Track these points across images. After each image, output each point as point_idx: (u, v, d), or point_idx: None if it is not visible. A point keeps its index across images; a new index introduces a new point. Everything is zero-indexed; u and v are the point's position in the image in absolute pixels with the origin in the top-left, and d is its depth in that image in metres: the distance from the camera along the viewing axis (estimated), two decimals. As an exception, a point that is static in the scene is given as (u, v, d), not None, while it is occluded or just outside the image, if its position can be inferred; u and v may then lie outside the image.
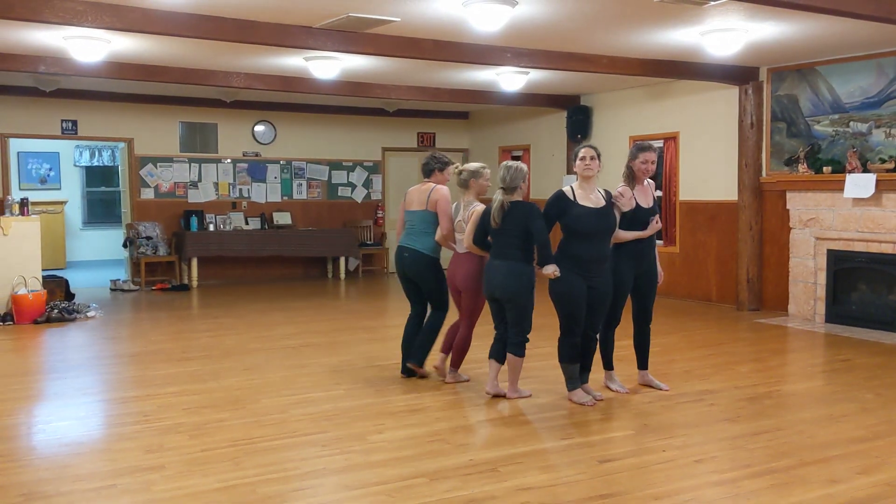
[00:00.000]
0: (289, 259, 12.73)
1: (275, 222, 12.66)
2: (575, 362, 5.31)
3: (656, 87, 10.50)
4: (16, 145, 13.12)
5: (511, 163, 5.39)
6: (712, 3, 6.04)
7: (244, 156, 12.71)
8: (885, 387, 5.82)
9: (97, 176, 15.81)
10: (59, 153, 14.99)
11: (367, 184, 13.62)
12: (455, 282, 5.66)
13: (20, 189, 13.71)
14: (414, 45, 7.35)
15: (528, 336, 5.34)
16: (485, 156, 13.94)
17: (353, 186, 13.55)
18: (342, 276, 12.80)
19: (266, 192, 12.87)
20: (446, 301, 5.88)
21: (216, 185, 12.54)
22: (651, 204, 5.60)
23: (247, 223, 12.49)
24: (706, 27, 6.97)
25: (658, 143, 10.69)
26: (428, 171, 5.90)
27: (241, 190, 12.70)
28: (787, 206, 8.79)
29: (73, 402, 5.52)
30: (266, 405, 5.32)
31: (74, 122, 11.61)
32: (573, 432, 4.75)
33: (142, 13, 6.21)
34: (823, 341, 7.66)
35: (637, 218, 5.45)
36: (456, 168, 5.78)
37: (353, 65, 8.82)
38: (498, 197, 5.24)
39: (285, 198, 13.00)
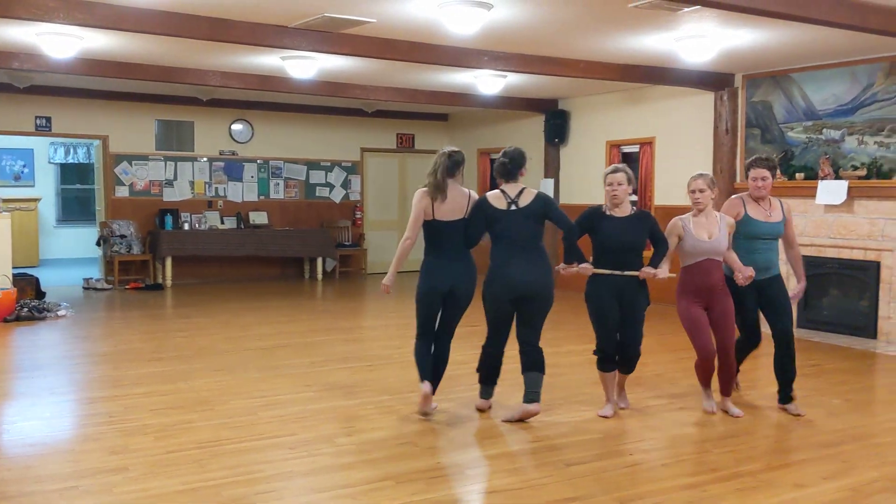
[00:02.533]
0: (265, 259, 12.66)
1: (251, 222, 12.59)
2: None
3: (633, 91, 10.55)
4: (-11, 141, 12.97)
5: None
6: (686, 9, 6.07)
7: (221, 154, 12.63)
8: (853, 392, 5.88)
9: (72, 173, 15.65)
10: (33, 150, 14.83)
11: (346, 184, 13.58)
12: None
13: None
14: (390, 47, 7.34)
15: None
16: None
17: (332, 187, 13.50)
18: (319, 276, 12.75)
19: (242, 191, 12.79)
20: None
21: (192, 183, 12.44)
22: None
23: (223, 222, 12.41)
24: (680, 33, 7.01)
25: (634, 148, 10.76)
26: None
27: (217, 189, 12.61)
28: (761, 212, 8.85)
29: (39, 401, 5.45)
30: (235, 407, 5.28)
31: (48, 119, 11.48)
32: (541, 435, 4.75)
33: (113, 10, 6.14)
34: (795, 346, 7.69)
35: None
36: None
37: (331, 65, 8.79)
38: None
39: (262, 197, 12.93)
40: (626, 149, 10.95)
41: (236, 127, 12.73)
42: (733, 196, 5.59)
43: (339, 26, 6.77)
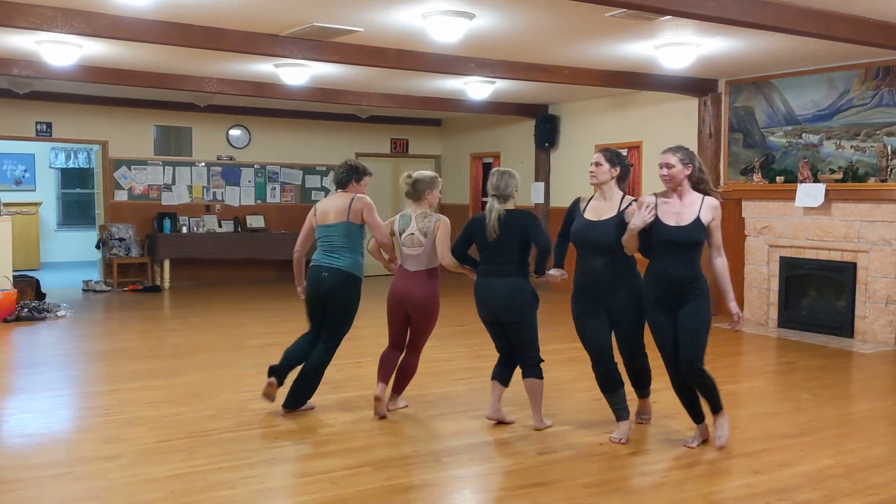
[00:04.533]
0: (262, 262, 12.88)
1: (248, 225, 12.82)
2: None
3: (620, 97, 10.78)
4: (-10, 146, 13.21)
5: (503, 168, 4.98)
6: (661, 18, 6.30)
7: (219, 159, 12.87)
8: (822, 388, 6.08)
9: (72, 178, 15.89)
10: (34, 155, 15.08)
11: (341, 188, 13.80)
12: (407, 302, 5.04)
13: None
14: (378, 54, 7.57)
15: (541, 356, 4.93)
16: (456, 162, 14.19)
17: (327, 191, 13.72)
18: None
19: (240, 195, 13.03)
20: (342, 336, 5.27)
21: (190, 188, 12.68)
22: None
23: (220, 226, 12.64)
24: (659, 41, 7.23)
25: (623, 152, 10.96)
26: (344, 182, 5.25)
27: (214, 193, 12.84)
28: (743, 215, 9.07)
29: (37, 396, 5.67)
30: (225, 400, 5.50)
31: (49, 125, 11.72)
32: (517, 427, 4.96)
33: (111, 19, 6.38)
34: (773, 345, 7.92)
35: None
36: (407, 176, 5.18)
37: (323, 72, 9.03)
38: (494, 206, 4.83)
39: (259, 201, 13.16)
40: (615, 153, 11.15)
41: (234, 132, 12.97)
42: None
43: (328, 35, 7.00)
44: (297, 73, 8.82)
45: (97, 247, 12.22)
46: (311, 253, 5.46)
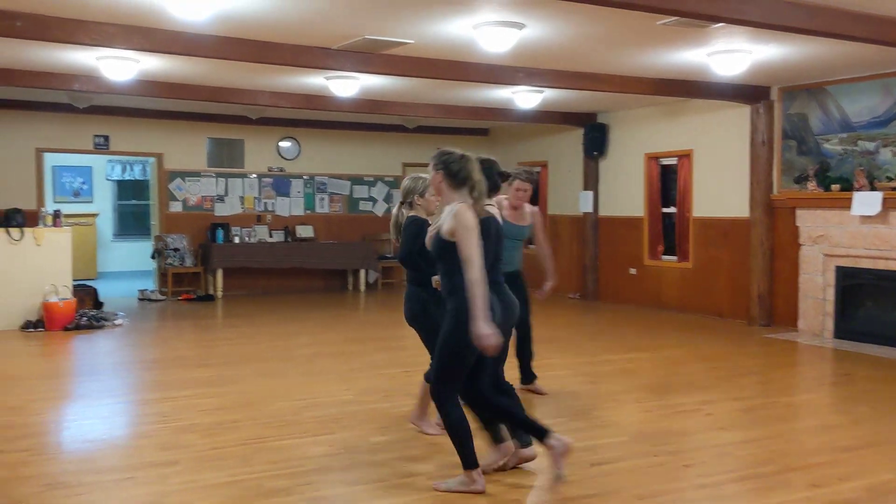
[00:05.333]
0: (310, 271, 13.03)
1: (297, 235, 12.99)
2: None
3: (671, 105, 10.69)
4: (50, 159, 13.59)
5: (414, 174, 4.86)
6: (714, 25, 6.24)
7: (269, 171, 13.07)
8: (880, 400, 5.94)
9: (128, 189, 16.28)
10: (92, 167, 15.48)
11: (388, 198, 13.91)
12: None
13: (54, 202, 14.17)
14: (428, 66, 7.63)
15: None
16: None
17: (374, 201, 13.85)
18: (362, 288, 13.09)
19: (290, 205, 13.21)
20: None
21: (242, 198, 12.91)
22: None
23: (271, 236, 12.83)
24: (712, 48, 7.17)
25: (673, 161, 10.88)
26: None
27: (265, 204, 13.05)
28: (797, 223, 8.91)
29: (97, 402, 5.82)
30: (278, 408, 5.58)
31: (107, 138, 12.04)
32: (571, 438, 4.93)
33: (168, 35, 6.55)
34: (829, 356, 7.77)
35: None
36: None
37: (372, 83, 9.12)
38: (399, 211, 4.82)
39: (308, 211, 13.33)
40: (665, 161, 11.08)
41: (284, 144, 13.16)
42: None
43: (379, 47, 7.08)
44: (347, 86, 8.93)
45: (152, 257, 12.49)
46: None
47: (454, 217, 3.78)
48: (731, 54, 7.31)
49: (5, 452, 4.55)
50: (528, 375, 6.10)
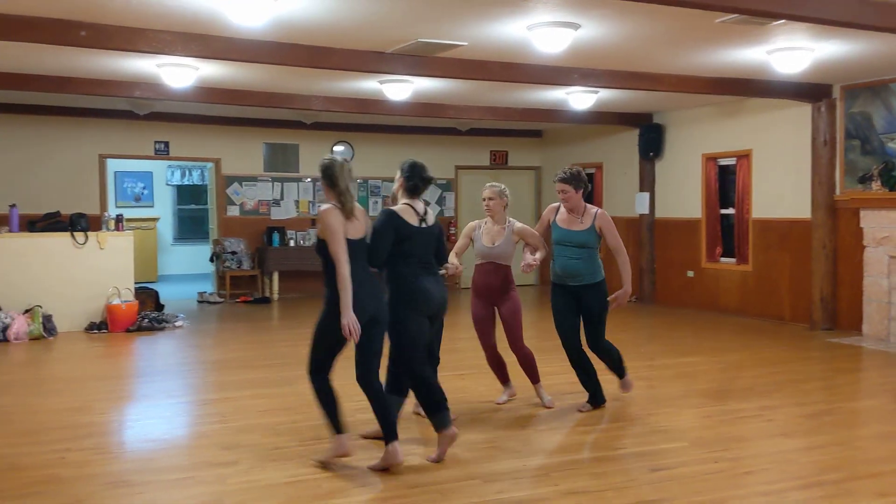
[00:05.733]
0: (365, 274, 13.09)
1: (352, 239, 13.07)
2: None
3: (729, 104, 10.49)
4: (113, 165, 13.94)
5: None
6: (775, 22, 6.10)
7: (323, 174, 13.19)
8: (954, 407, 5.73)
9: (187, 194, 16.62)
10: (152, 173, 15.85)
11: (441, 201, 13.94)
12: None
13: (116, 206, 14.54)
14: (482, 68, 7.62)
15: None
16: (558, 174, 14.09)
17: (427, 204, 13.85)
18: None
19: (344, 209, 13.31)
20: None
21: (297, 202, 13.07)
22: None
23: (325, 239, 12.94)
24: (772, 46, 7.01)
25: (731, 161, 10.68)
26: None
27: (320, 207, 13.17)
28: (861, 224, 8.66)
29: (158, 403, 5.94)
30: (334, 410, 5.61)
31: (166, 144, 12.31)
32: (627, 443, 4.88)
33: (226, 42, 6.66)
34: (895, 361, 7.53)
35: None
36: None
37: (425, 86, 9.15)
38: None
39: (362, 215, 13.41)
40: (723, 162, 10.88)
41: (338, 148, 13.29)
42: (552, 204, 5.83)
43: (433, 50, 7.09)
44: (400, 89, 8.98)
45: (211, 260, 12.72)
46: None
47: (319, 218, 4.35)
48: (791, 52, 7.14)
49: (71, 451, 4.67)
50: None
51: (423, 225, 4.67)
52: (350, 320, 4.16)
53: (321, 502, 3.88)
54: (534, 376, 5.77)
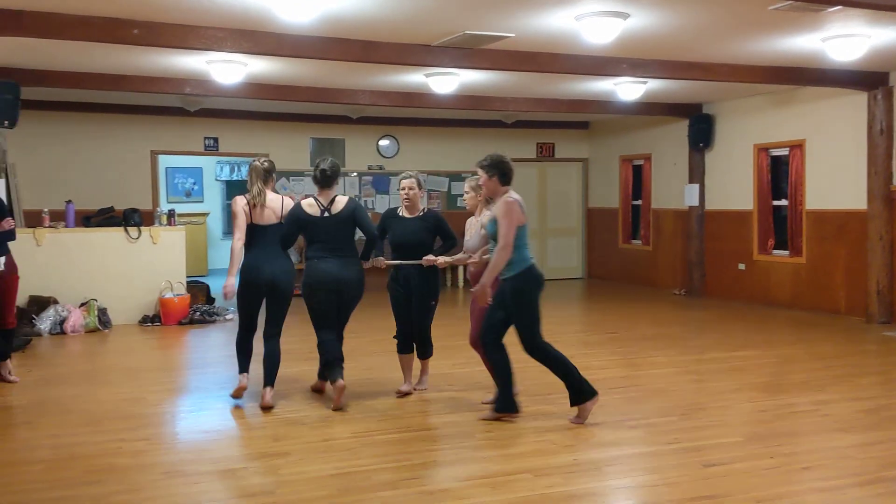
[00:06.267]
0: (411, 268, 13.13)
1: (398, 232, 13.12)
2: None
3: (781, 93, 10.27)
4: (164, 161, 14.19)
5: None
6: (829, 9, 5.95)
7: (369, 169, 13.27)
8: None
9: (236, 189, 16.78)
10: (202, 168, 16.09)
11: (487, 194, 13.89)
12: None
13: (167, 202, 14.79)
14: (529, 59, 7.57)
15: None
16: (605, 165, 13.97)
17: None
18: (460, 284, 13.13)
19: (389, 203, 13.34)
20: None
21: (343, 196, 13.13)
22: None
23: (371, 233, 13.00)
24: (827, 33, 6.85)
25: (784, 151, 10.46)
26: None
27: (366, 201, 13.25)
28: (921, 215, 8.43)
29: (211, 394, 6.03)
30: (382, 402, 5.64)
31: (216, 139, 12.48)
32: (680, 437, 4.81)
33: (275, 38, 6.72)
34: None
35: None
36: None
37: (471, 79, 9.12)
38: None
39: (408, 209, 13.44)
40: (775, 152, 10.66)
41: (383, 142, 13.33)
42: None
43: (480, 42, 7.07)
44: (446, 82, 8.97)
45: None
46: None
47: None
48: (847, 39, 6.97)
49: (127, 441, 4.76)
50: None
51: (326, 214, 5.50)
52: (228, 284, 5.53)
53: (371, 494, 3.90)
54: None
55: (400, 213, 5.95)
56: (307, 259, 5.60)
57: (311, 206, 5.54)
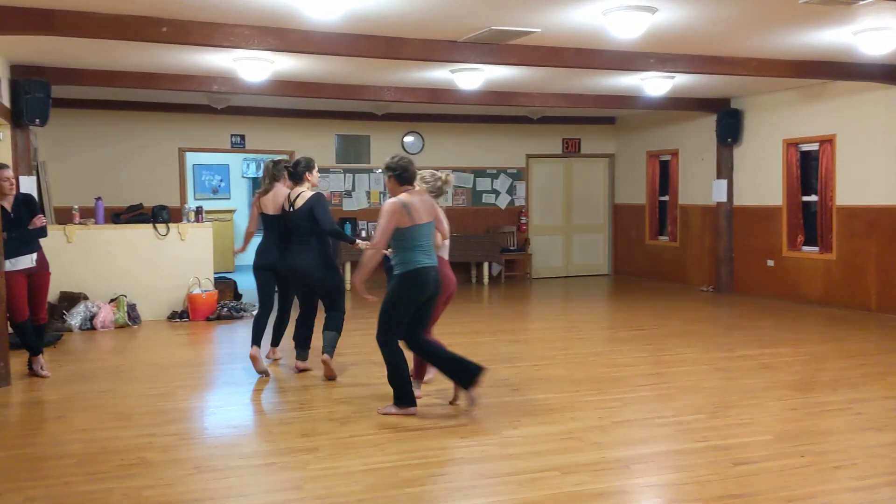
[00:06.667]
0: (436, 264, 13.14)
1: (423, 229, 13.12)
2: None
3: (811, 88, 10.14)
4: (191, 158, 14.30)
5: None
6: (861, 2, 5.86)
7: (395, 165, 13.27)
8: None
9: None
10: (228, 165, 16.19)
11: (511, 190, 13.87)
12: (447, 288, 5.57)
13: (195, 199, 14.91)
14: (555, 55, 7.53)
15: None
16: (631, 160, 13.88)
17: (497, 193, 13.83)
18: (485, 280, 13.11)
19: (415, 199, 13.37)
20: None
21: (368, 193, 13.19)
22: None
23: (397, 229, 13.02)
24: (858, 26, 6.74)
25: (814, 146, 10.33)
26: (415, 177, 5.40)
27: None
28: (955, 211, 8.29)
29: (239, 389, 6.07)
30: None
31: (242, 137, 12.56)
32: (710, 435, 4.77)
33: (302, 35, 6.74)
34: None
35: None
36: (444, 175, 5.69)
37: (497, 75, 9.10)
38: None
39: (433, 205, 13.44)
40: (805, 147, 10.53)
41: (408, 139, 13.34)
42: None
43: (506, 38, 7.04)
44: (472, 78, 8.95)
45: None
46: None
47: None
48: (879, 32, 6.86)
49: (157, 436, 4.81)
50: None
51: (291, 209, 6.19)
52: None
53: (399, 490, 3.90)
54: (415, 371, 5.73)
55: None
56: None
57: (283, 201, 6.38)
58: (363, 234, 12.74)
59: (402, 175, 5.15)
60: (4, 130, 8.41)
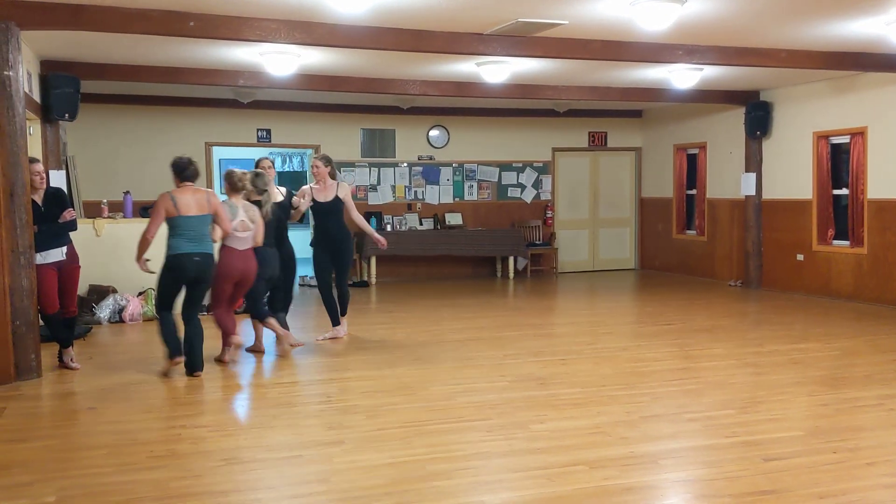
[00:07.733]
0: (459, 258, 13.15)
1: (447, 223, 13.13)
2: None
3: (842, 80, 9.99)
4: (217, 153, 14.37)
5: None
6: (897, -11, 5.75)
7: (419, 159, 13.28)
8: None
9: (287, 181, 16.94)
10: (254, 160, 16.23)
11: (537, 184, 13.81)
12: (246, 273, 6.50)
13: (221, 193, 14.95)
14: (582, 47, 7.47)
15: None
16: (659, 154, 13.77)
17: (523, 187, 13.78)
18: (511, 275, 13.08)
19: (439, 193, 13.37)
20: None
21: (393, 187, 13.19)
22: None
23: (421, 223, 13.04)
24: (891, 16, 6.62)
25: (844, 139, 10.18)
26: (195, 176, 6.30)
27: (415, 192, 13.27)
28: None
29: (266, 381, 6.10)
30: (434, 392, 5.64)
31: (268, 131, 12.61)
32: (739, 431, 4.72)
33: (328, 28, 6.75)
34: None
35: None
36: (243, 173, 6.71)
37: (523, 68, 9.05)
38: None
39: (457, 199, 13.44)
40: (835, 140, 10.37)
41: (433, 133, 13.32)
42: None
43: (533, 30, 7.00)
44: (498, 71, 8.91)
45: (312, 244, 12.94)
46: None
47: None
48: (914, 21, 6.73)
49: (188, 428, 4.85)
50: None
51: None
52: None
53: (424, 484, 3.89)
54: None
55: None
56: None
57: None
58: (387, 227, 12.76)
59: (180, 173, 6.23)
60: (34, 125, 8.50)
